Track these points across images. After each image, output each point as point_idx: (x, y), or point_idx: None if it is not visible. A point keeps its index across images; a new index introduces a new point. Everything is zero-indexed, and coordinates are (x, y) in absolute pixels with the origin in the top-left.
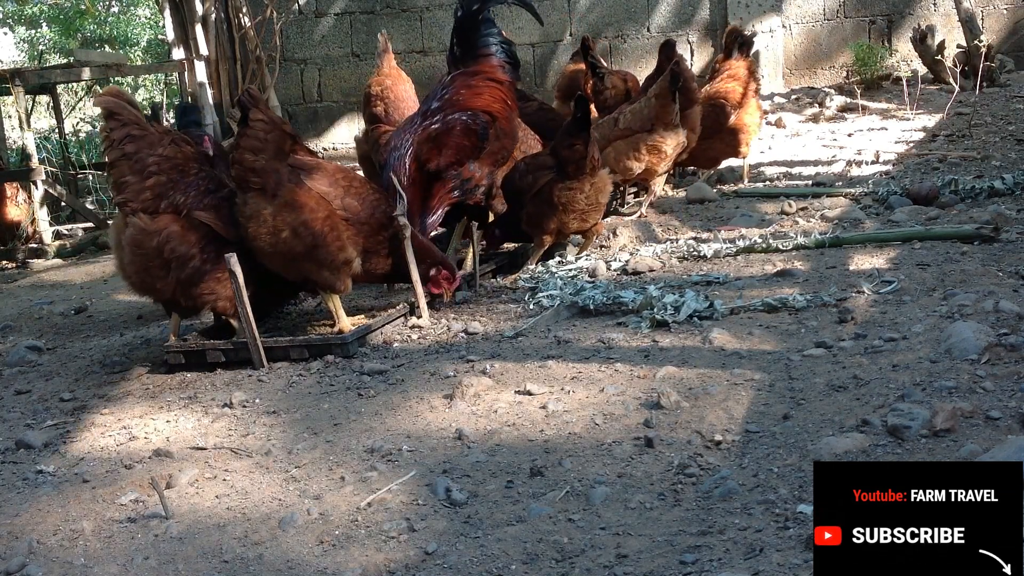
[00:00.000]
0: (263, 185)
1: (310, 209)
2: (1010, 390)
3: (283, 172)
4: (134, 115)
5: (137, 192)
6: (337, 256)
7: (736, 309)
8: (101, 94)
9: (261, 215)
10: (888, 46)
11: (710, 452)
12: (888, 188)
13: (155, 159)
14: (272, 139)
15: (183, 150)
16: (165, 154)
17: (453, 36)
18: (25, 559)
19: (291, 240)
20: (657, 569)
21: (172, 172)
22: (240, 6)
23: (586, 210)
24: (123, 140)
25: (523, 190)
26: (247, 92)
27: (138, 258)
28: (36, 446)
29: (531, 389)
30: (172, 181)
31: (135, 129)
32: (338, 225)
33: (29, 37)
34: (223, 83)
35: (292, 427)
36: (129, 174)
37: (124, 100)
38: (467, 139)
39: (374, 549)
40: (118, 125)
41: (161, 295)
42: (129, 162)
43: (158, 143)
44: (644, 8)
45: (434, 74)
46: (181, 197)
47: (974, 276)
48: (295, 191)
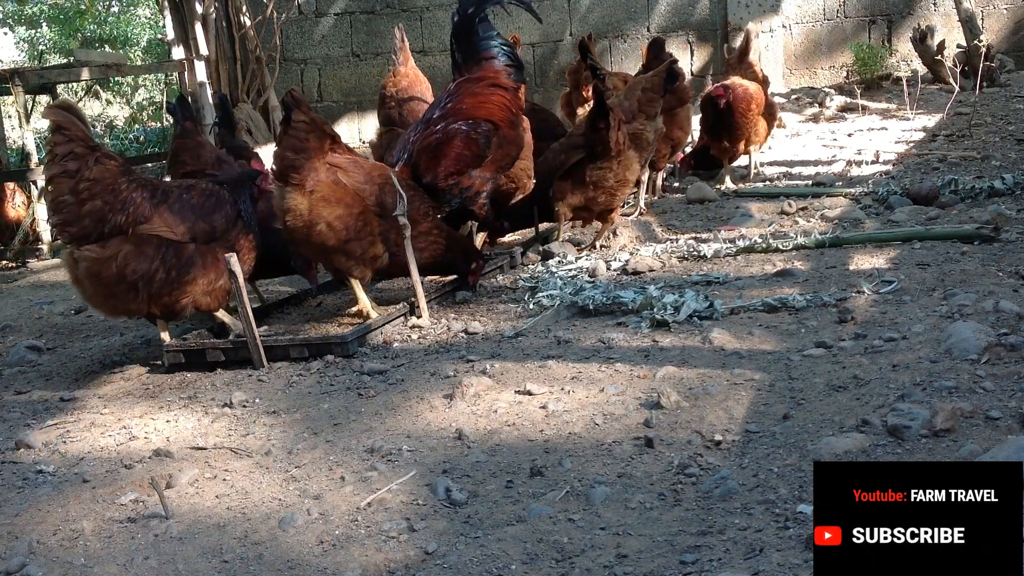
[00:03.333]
0: (302, 182)
1: (345, 205)
2: (1010, 390)
3: (321, 169)
4: (82, 131)
5: (75, 216)
6: (368, 250)
7: (736, 309)
8: (52, 105)
9: (297, 209)
10: (888, 46)
11: (710, 452)
12: (888, 188)
13: (86, 184)
14: (313, 139)
15: (108, 168)
16: (94, 176)
17: (453, 41)
18: (25, 559)
19: (326, 232)
20: (657, 569)
21: (106, 195)
22: (240, 6)
23: (614, 187)
24: (66, 156)
25: (555, 168)
26: (290, 93)
27: (102, 288)
28: (36, 446)
29: (531, 389)
30: (108, 204)
31: (79, 146)
32: (371, 220)
33: (29, 37)
34: (223, 83)
35: (292, 427)
36: (68, 194)
37: (74, 114)
38: (468, 149)
39: (374, 549)
40: (64, 140)
41: (137, 313)
42: (70, 181)
43: (87, 164)
44: (644, 8)
45: (434, 74)
46: (121, 217)
47: (974, 276)
48: (331, 187)
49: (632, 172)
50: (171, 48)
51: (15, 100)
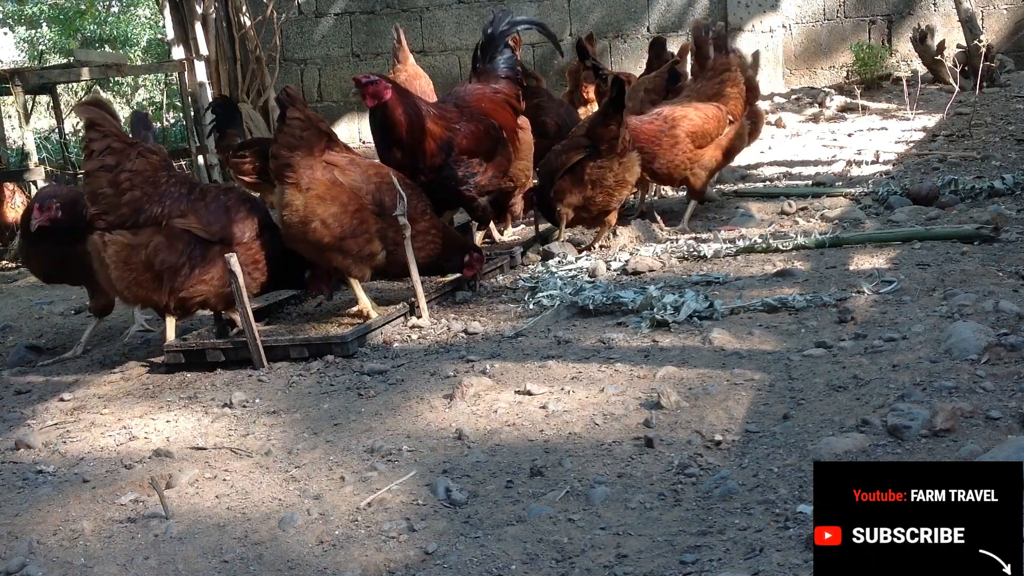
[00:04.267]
0: (297, 180)
1: (341, 203)
2: (1010, 390)
3: (317, 167)
4: (115, 127)
5: (114, 206)
6: (364, 248)
7: (736, 309)
8: (83, 103)
9: (293, 205)
10: (888, 46)
11: (710, 452)
12: (888, 188)
13: (127, 175)
14: (308, 136)
15: (151, 161)
16: (135, 168)
17: (479, 51)
18: (25, 559)
19: (320, 230)
20: (657, 569)
21: (146, 186)
22: (240, 6)
23: (613, 187)
24: (104, 152)
25: (556, 168)
26: (285, 91)
27: (128, 273)
28: (36, 446)
29: (531, 389)
30: (147, 195)
31: (115, 141)
32: (367, 219)
33: (29, 37)
34: (223, 83)
35: (292, 427)
36: (107, 187)
37: (106, 111)
38: (487, 137)
39: (374, 549)
40: (99, 136)
41: (156, 304)
42: (108, 174)
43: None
44: (644, 8)
45: (434, 74)
46: (158, 208)
47: (974, 276)
48: (328, 186)
49: (632, 173)
50: (171, 48)
51: (15, 100)
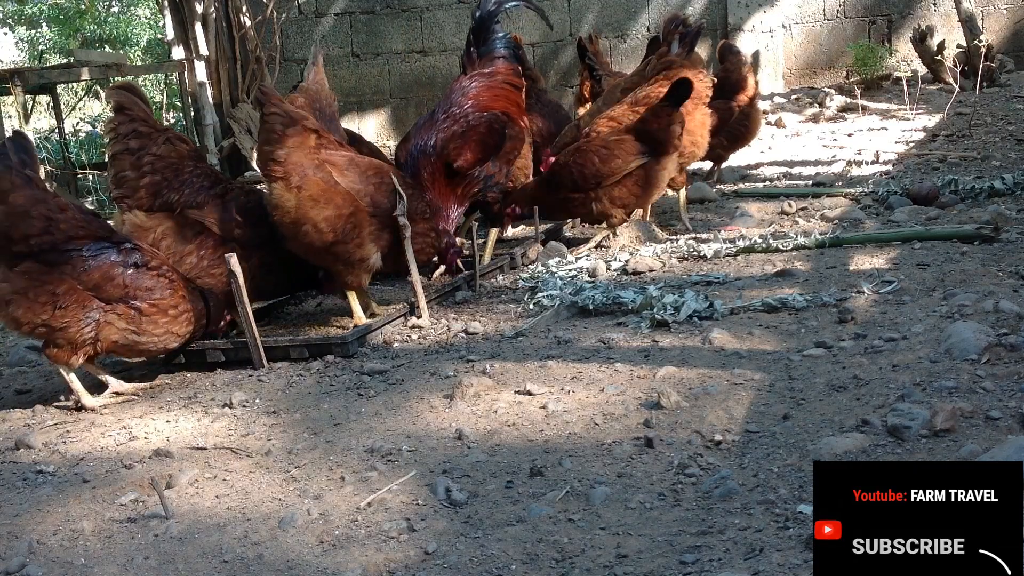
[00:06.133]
0: (284, 175)
1: (335, 206)
2: (1010, 390)
3: (308, 166)
4: (144, 112)
5: (133, 189)
6: (354, 253)
7: (736, 309)
8: (114, 86)
9: (284, 206)
10: (888, 46)
11: (710, 452)
12: (888, 188)
13: (150, 158)
14: (291, 133)
15: (178, 148)
16: (159, 153)
17: (471, 35)
18: (25, 559)
19: (312, 233)
20: (657, 569)
21: (167, 171)
22: (240, 6)
23: (662, 185)
24: (128, 135)
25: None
26: (259, 89)
27: None
28: (36, 446)
29: (531, 389)
30: (167, 180)
31: (142, 126)
32: (362, 222)
33: (29, 37)
34: (223, 83)
35: (292, 427)
36: (129, 169)
37: (136, 95)
38: (491, 138)
39: (374, 549)
40: (126, 120)
41: None
42: (131, 157)
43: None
44: (644, 8)
45: (434, 74)
46: (175, 195)
47: (974, 276)
48: (320, 186)
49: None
50: (171, 48)
51: (15, 100)
